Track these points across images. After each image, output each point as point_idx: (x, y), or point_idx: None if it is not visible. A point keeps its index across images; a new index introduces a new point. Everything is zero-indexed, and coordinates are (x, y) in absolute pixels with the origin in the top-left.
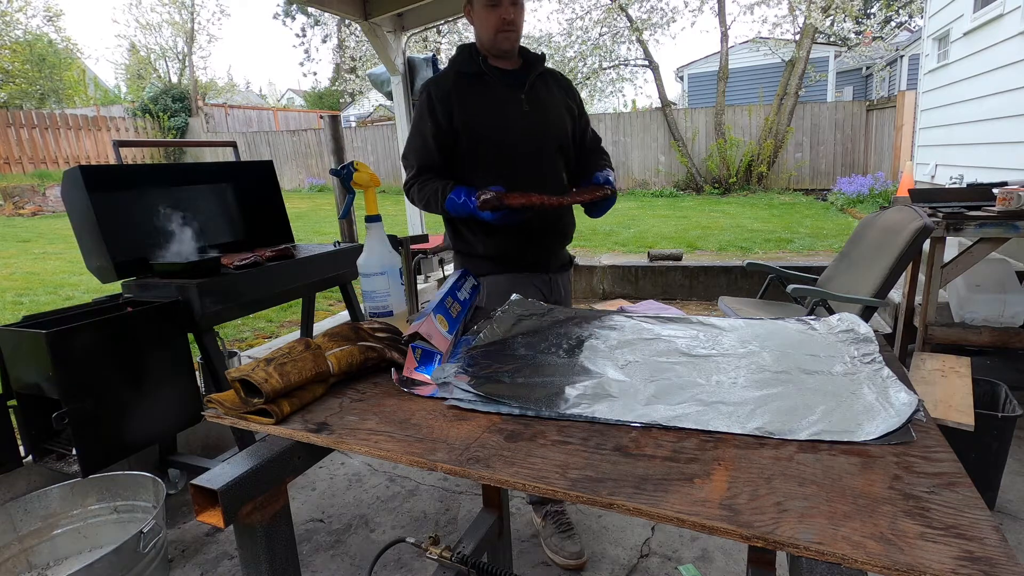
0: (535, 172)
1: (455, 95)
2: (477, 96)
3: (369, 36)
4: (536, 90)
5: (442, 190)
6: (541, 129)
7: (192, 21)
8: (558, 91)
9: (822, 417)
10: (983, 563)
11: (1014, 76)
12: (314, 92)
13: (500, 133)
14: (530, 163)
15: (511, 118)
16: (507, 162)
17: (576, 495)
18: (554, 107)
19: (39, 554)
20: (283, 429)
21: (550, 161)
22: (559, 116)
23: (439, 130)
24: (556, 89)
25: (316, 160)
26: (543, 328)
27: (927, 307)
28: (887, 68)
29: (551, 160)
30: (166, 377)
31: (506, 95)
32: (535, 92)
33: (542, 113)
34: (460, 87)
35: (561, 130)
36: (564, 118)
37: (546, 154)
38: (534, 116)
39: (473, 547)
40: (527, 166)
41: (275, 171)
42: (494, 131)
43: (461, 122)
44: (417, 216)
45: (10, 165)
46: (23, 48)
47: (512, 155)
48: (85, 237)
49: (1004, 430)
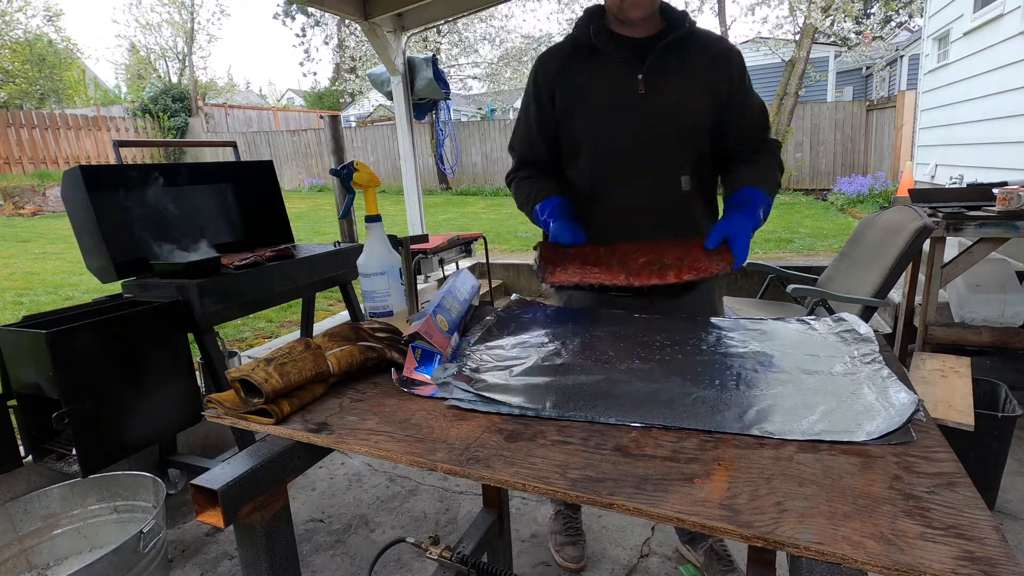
0: (639, 173)
1: (562, 73)
2: (585, 75)
3: (369, 36)
4: (662, 65)
5: (534, 197)
6: (657, 117)
7: (192, 21)
8: (701, 63)
9: (822, 417)
10: (983, 563)
11: (1014, 76)
12: (314, 92)
13: (599, 123)
14: (634, 162)
15: (618, 104)
16: (604, 160)
17: (576, 495)
18: (685, 86)
19: (39, 554)
20: (283, 429)
21: (666, 159)
22: (691, 98)
23: (544, 116)
24: (699, 60)
25: (316, 160)
26: (544, 328)
27: (927, 307)
28: (887, 68)
29: (668, 158)
30: (166, 377)
31: (619, 74)
32: (660, 68)
33: (664, 96)
34: (570, 62)
35: (690, 118)
36: (700, 100)
37: (660, 150)
38: (651, 100)
39: (473, 547)
40: (630, 166)
41: (275, 171)
42: (592, 120)
43: (559, 108)
44: (417, 216)
45: (10, 165)
46: (23, 48)
47: (612, 151)
48: (85, 237)
49: (1004, 430)
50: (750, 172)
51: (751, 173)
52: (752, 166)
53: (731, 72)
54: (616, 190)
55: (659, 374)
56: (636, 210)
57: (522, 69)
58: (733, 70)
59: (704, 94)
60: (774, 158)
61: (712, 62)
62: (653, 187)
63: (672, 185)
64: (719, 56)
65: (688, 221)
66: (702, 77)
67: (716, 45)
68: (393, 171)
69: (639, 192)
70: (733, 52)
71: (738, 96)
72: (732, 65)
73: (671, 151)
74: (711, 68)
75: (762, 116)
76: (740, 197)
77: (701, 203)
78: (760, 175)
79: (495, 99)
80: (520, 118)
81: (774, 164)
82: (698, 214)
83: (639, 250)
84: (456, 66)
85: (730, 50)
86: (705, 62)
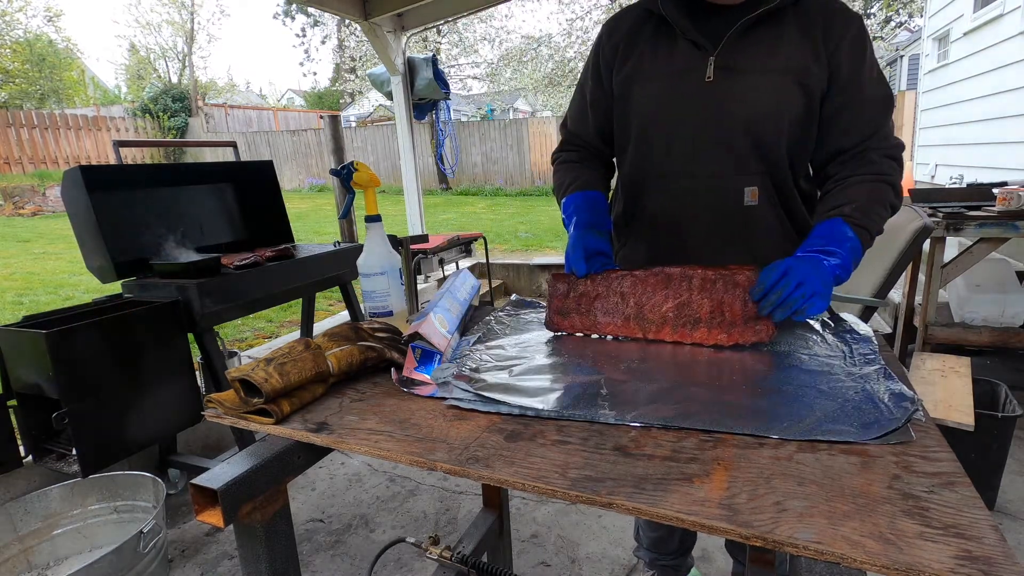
0: (692, 177)
1: (628, 44)
2: (648, 51)
3: (369, 36)
4: (744, 44)
5: (566, 187)
6: (725, 112)
7: (192, 21)
8: (796, 41)
9: (821, 417)
10: (982, 562)
11: (1014, 76)
12: (314, 92)
13: (653, 113)
14: (688, 163)
15: (678, 92)
16: (654, 157)
17: (576, 495)
18: (767, 74)
19: (39, 554)
20: (283, 429)
21: (728, 163)
22: (772, 90)
23: (600, 94)
24: (793, 38)
25: (316, 160)
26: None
27: (927, 307)
28: (887, 68)
29: (732, 162)
30: (166, 377)
31: (688, 55)
32: (740, 48)
33: (737, 85)
34: (638, 32)
35: (767, 115)
36: (786, 94)
37: (722, 151)
38: (720, 90)
39: (473, 547)
40: (683, 167)
41: (275, 171)
42: (646, 109)
43: (616, 87)
44: (417, 216)
45: (10, 165)
46: (23, 48)
47: (664, 148)
48: (85, 237)
49: (1004, 430)
50: (845, 195)
51: (846, 196)
52: (850, 187)
53: (839, 51)
54: (662, 195)
55: (659, 374)
56: (682, 221)
57: (522, 69)
58: (843, 48)
59: (794, 85)
60: (887, 177)
61: (815, 39)
62: (707, 196)
63: (732, 196)
64: (828, 29)
65: (750, 243)
66: (796, 61)
67: (825, 14)
68: (393, 171)
69: (689, 201)
70: (851, 22)
71: (841, 84)
72: (843, 40)
73: (736, 154)
74: (811, 48)
75: (879, 114)
76: (821, 231)
77: (772, 223)
78: (858, 201)
79: (495, 99)
80: (576, 91)
81: (885, 187)
82: (766, 236)
83: (671, 285)
84: (456, 66)
85: (845, 21)
86: (807, 41)
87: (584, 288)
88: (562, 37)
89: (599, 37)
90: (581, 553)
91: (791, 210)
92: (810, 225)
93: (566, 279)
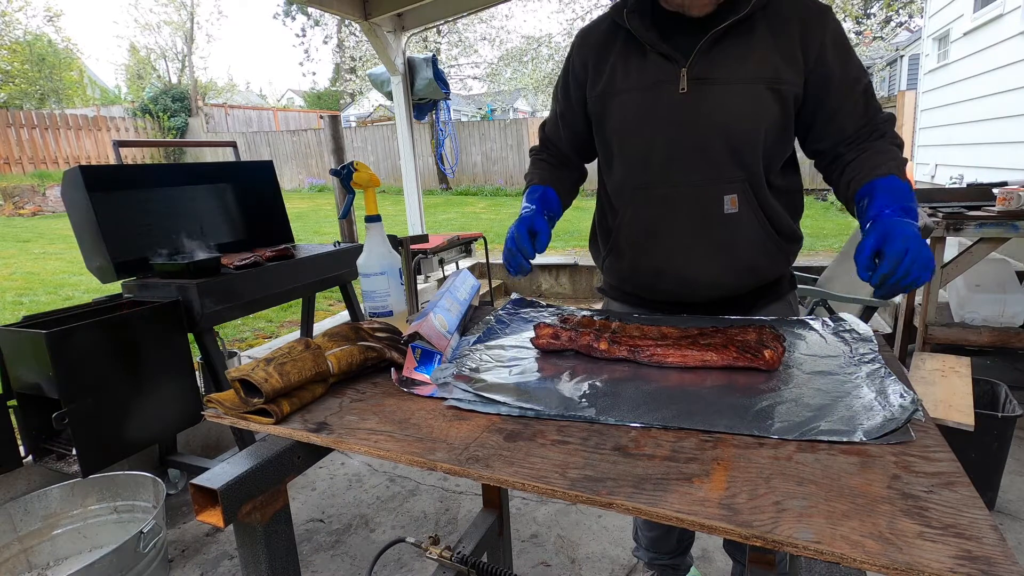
0: (671, 188)
1: (598, 59)
2: (620, 65)
3: (369, 36)
4: (716, 54)
5: (528, 180)
6: (700, 123)
7: (191, 21)
8: (768, 46)
9: (821, 417)
10: (981, 562)
11: (1014, 76)
12: (314, 92)
13: (629, 127)
14: (664, 175)
15: (654, 104)
16: (633, 171)
17: (575, 495)
18: (738, 82)
19: (39, 554)
20: (283, 429)
21: (706, 173)
22: (745, 95)
23: (570, 108)
24: (765, 43)
25: (316, 160)
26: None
27: (927, 307)
28: (887, 68)
29: (709, 172)
30: (166, 377)
31: (659, 68)
32: (714, 58)
33: (709, 94)
34: (608, 46)
35: (740, 120)
36: (759, 97)
37: (700, 162)
38: (694, 101)
39: (473, 547)
40: (660, 179)
41: (275, 171)
42: (622, 124)
43: (590, 103)
44: (417, 216)
45: (10, 165)
46: (23, 48)
47: (641, 161)
48: (85, 237)
49: (1004, 430)
50: (880, 157)
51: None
52: (879, 153)
53: (824, 53)
54: (644, 206)
55: (658, 374)
56: (664, 231)
57: (522, 69)
58: (827, 49)
59: (768, 92)
60: (899, 141)
61: (790, 40)
62: (688, 206)
63: (713, 205)
64: (807, 32)
65: (733, 251)
66: (768, 68)
67: (799, 14)
68: (393, 171)
69: (669, 211)
70: (826, 20)
71: (843, 84)
72: (825, 39)
73: (714, 163)
74: (786, 51)
75: (871, 97)
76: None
77: (754, 228)
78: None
79: (495, 99)
80: (552, 98)
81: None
82: (748, 242)
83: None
84: (456, 66)
85: (821, 20)
86: (777, 43)
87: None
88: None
89: (570, 49)
90: (581, 553)
91: (771, 214)
92: (790, 225)
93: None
